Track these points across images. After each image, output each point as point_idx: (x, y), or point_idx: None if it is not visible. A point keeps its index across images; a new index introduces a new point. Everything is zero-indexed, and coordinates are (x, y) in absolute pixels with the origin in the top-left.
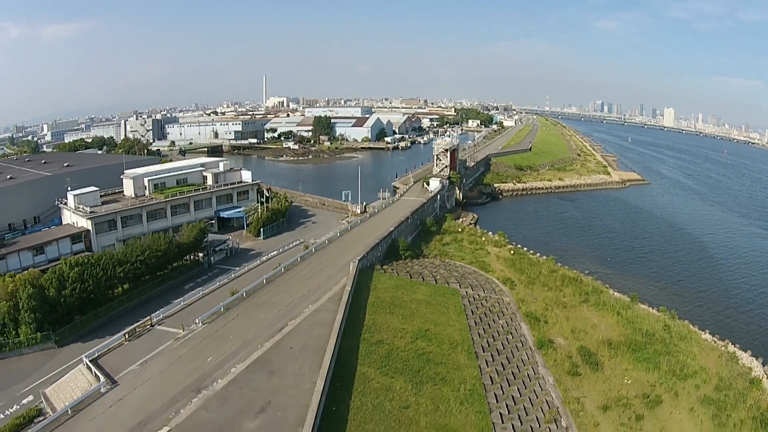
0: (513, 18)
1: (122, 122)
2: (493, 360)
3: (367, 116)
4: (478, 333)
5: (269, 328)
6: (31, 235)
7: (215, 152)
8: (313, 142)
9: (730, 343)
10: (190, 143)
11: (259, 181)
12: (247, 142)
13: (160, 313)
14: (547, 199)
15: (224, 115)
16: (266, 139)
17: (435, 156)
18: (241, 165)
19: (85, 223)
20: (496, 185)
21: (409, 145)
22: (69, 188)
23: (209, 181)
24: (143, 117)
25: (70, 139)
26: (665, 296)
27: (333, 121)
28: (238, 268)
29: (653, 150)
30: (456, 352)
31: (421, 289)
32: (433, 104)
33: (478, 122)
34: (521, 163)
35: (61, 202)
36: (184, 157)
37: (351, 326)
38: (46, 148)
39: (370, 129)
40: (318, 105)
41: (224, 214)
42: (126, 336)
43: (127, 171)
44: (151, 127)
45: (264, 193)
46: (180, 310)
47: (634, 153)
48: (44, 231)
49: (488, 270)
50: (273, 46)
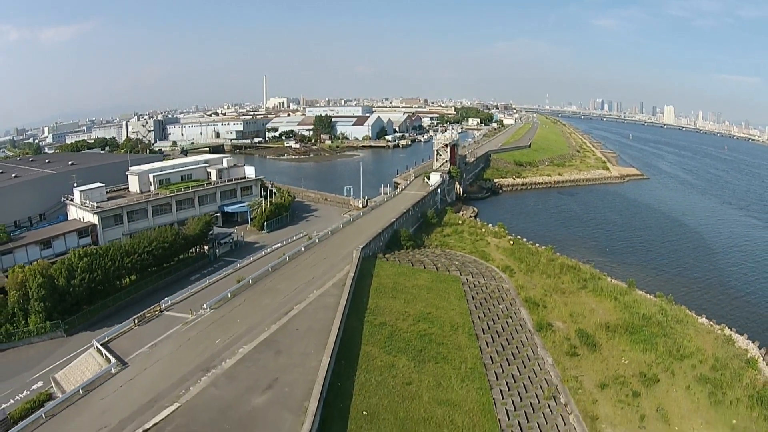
0: (512, 17)
1: (124, 123)
2: (493, 341)
3: (368, 115)
4: (479, 316)
5: (275, 312)
6: (38, 230)
7: (217, 152)
8: (314, 141)
9: (726, 327)
10: (192, 143)
11: (263, 176)
12: (249, 141)
13: (169, 300)
14: (546, 194)
15: (225, 116)
16: (267, 138)
17: (435, 151)
18: (243, 163)
19: (92, 218)
20: (496, 180)
21: (409, 143)
22: (75, 184)
23: (213, 177)
24: (145, 118)
25: (71, 140)
26: (662, 283)
27: (334, 120)
28: (243, 260)
29: (653, 147)
30: (457, 334)
31: (422, 276)
32: (433, 104)
33: (478, 120)
34: (521, 159)
35: (67, 199)
36: (186, 156)
37: (355, 309)
38: (47, 149)
39: (370, 128)
40: (318, 105)
41: (228, 209)
42: (135, 321)
43: (132, 168)
44: (152, 128)
45: (267, 188)
46: (188, 296)
47: (633, 150)
48: (51, 226)
49: (488, 259)
50: (273, 47)
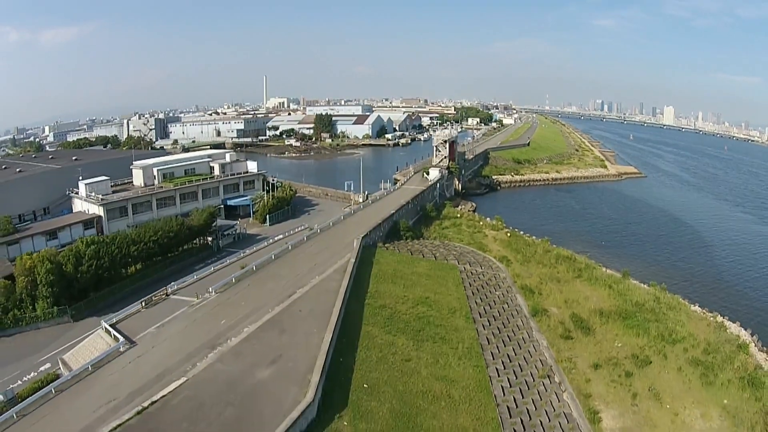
0: (512, 17)
1: (125, 122)
2: (490, 324)
3: (368, 114)
4: (476, 302)
5: (279, 296)
6: (44, 222)
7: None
8: (314, 139)
9: (719, 315)
10: (193, 142)
11: (265, 171)
12: (251, 140)
13: (175, 285)
14: (544, 191)
15: (226, 115)
16: (268, 137)
17: (434, 147)
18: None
19: (97, 210)
20: (495, 177)
21: (409, 141)
22: (80, 177)
23: (216, 171)
24: (146, 116)
25: (72, 139)
26: (656, 274)
27: (334, 119)
28: (245, 250)
29: (651, 146)
30: (454, 317)
31: (421, 264)
32: (433, 104)
33: (478, 120)
34: (519, 157)
35: (72, 192)
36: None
37: (356, 293)
38: (48, 148)
39: (370, 126)
40: (318, 105)
41: (231, 202)
42: (143, 304)
43: (136, 162)
44: (153, 126)
45: (269, 182)
46: (193, 282)
47: (633, 149)
48: (57, 218)
49: (485, 250)
50: (272, 48)
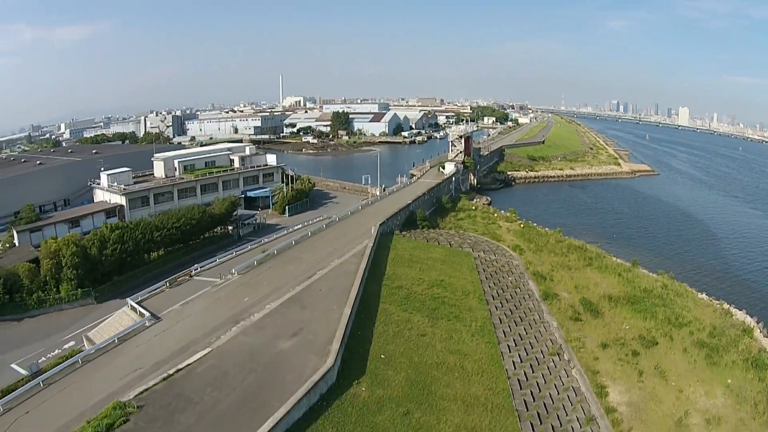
0: (528, 18)
1: (142, 119)
2: (502, 306)
3: (385, 112)
4: (489, 286)
5: (299, 276)
6: (67, 210)
7: None
8: (331, 136)
9: (725, 303)
10: (211, 138)
11: (284, 164)
12: (268, 137)
13: (198, 267)
14: (558, 186)
15: (243, 113)
16: (285, 134)
17: (450, 142)
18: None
19: (119, 200)
20: (509, 173)
21: (425, 139)
22: (102, 169)
23: (236, 163)
24: (163, 114)
25: (89, 135)
26: (665, 265)
27: (351, 116)
28: (265, 238)
29: (666, 146)
30: (468, 298)
31: (437, 250)
32: (449, 103)
33: (494, 119)
34: (534, 154)
35: (93, 182)
36: None
37: (373, 275)
38: (65, 144)
39: (387, 124)
40: (335, 103)
41: (251, 194)
42: (167, 284)
43: (157, 154)
44: (170, 123)
45: (288, 175)
46: (216, 265)
47: (647, 149)
48: (79, 207)
49: (499, 240)
50: (289, 48)
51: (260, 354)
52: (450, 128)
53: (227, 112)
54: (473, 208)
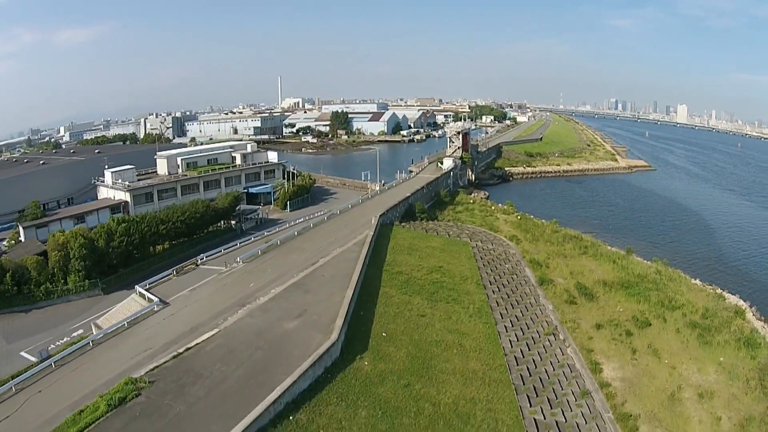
0: (527, 17)
1: (142, 121)
2: (499, 290)
3: (383, 111)
4: (486, 272)
5: (302, 264)
6: (73, 207)
7: None
8: (330, 136)
9: (718, 288)
10: (210, 139)
11: (285, 161)
12: (267, 137)
13: (204, 257)
14: (555, 181)
15: (242, 114)
16: (285, 134)
17: (448, 138)
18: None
19: (124, 196)
20: (507, 169)
21: (424, 138)
22: (106, 166)
23: (238, 161)
24: (163, 115)
25: (89, 137)
26: (659, 253)
27: (350, 116)
28: (267, 231)
29: (663, 143)
30: (466, 283)
31: (435, 240)
32: (447, 102)
33: (492, 118)
34: (532, 150)
35: (97, 180)
36: None
37: (374, 262)
38: (65, 147)
39: (386, 123)
40: (334, 103)
41: (252, 190)
42: (174, 272)
43: (160, 152)
44: (171, 125)
45: (289, 171)
46: (221, 255)
47: (645, 146)
48: (84, 204)
49: (496, 231)
50: (287, 49)
51: (266, 333)
52: (448, 125)
53: (226, 114)
54: (471, 201)
